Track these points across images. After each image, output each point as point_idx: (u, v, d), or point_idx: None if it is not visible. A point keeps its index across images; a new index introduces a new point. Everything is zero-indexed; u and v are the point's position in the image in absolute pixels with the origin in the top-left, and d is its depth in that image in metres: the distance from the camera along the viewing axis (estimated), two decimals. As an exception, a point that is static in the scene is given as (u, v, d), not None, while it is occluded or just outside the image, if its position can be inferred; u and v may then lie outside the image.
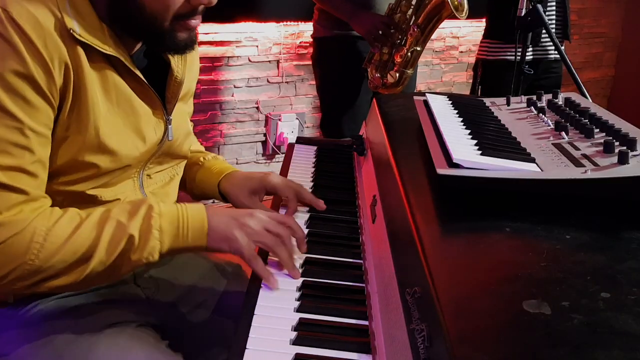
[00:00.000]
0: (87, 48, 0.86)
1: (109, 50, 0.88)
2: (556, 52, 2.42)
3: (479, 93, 2.50)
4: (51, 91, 0.83)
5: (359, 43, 2.24)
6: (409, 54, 2.13)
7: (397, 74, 2.16)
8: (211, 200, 1.26)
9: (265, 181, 1.14)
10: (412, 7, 2.13)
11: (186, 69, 1.03)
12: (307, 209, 1.17)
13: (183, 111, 1.08)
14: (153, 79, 0.96)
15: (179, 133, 1.04)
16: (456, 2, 2.01)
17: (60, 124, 0.86)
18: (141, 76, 0.93)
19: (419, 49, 2.13)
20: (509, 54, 2.41)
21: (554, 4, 2.38)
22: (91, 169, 0.90)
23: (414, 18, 2.13)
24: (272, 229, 0.93)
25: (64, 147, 0.88)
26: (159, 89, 0.98)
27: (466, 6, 2.03)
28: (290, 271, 0.92)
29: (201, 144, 1.29)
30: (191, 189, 1.22)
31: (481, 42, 2.53)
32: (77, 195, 0.91)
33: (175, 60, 1.00)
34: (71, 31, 0.83)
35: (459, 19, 2.02)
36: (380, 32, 2.12)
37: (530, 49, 2.30)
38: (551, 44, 2.40)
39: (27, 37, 0.79)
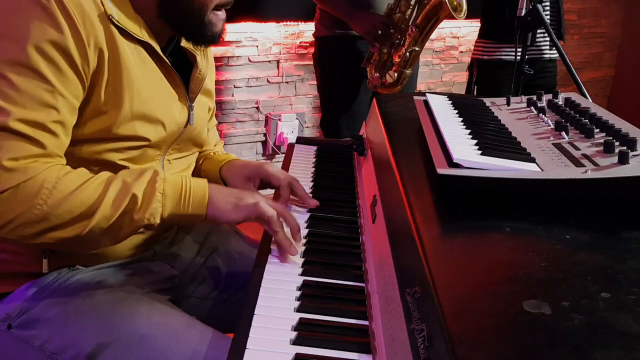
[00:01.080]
0: (124, 33, 0.94)
1: (143, 37, 0.96)
2: (551, 52, 2.43)
3: (475, 93, 2.50)
4: (84, 69, 0.89)
5: (360, 43, 2.25)
6: (408, 54, 2.14)
7: (396, 74, 2.17)
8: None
9: (260, 169, 1.20)
10: (411, 7, 2.14)
11: (208, 67, 1.12)
12: (308, 208, 1.17)
13: (204, 103, 1.16)
14: (179, 71, 1.04)
15: (198, 121, 1.12)
16: (455, 3, 2.01)
17: (95, 99, 0.92)
18: (169, 63, 1.02)
19: (417, 49, 2.14)
20: (504, 53, 2.42)
21: (548, 4, 2.39)
22: (128, 139, 0.97)
23: (412, 18, 2.13)
24: (273, 205, 0.99)
25: (103, 119, 0.93)
26: (183, 80, 1.06)
27: (465, 7, 2.04)
28: (287, 248, 0.97)
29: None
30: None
31: (476, 42, 2.54)
32: (110, 164, 0.97)
33: (200, 57, 1.09)
34: (110, 17, 0.91)
35: (457, 19, 2.03)
36: (380, 32, 2.13)
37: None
38: (546, 44, 2.41)
39: (68, 13, 0.86)
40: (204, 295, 1.18)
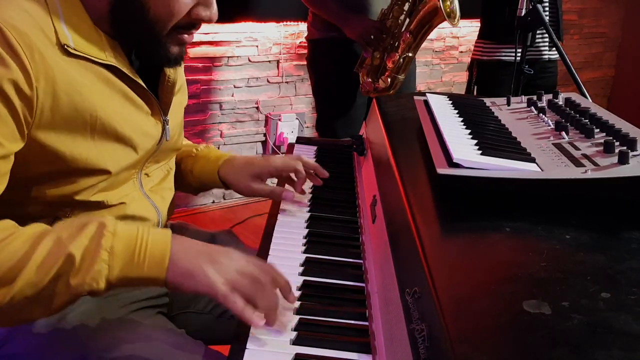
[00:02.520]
0: (83, 59, 0.85)
1: (106, 60, 0.87)
2: (551, 52, 2.43)
3: (474, 93, 2.51)
4: (25, 113, 0.79)
5: (354, 46, 2.24)
6: (401, 59, 2.13)
7: (389, 79, 2.16)
8: (211, 200, 1.27)
9: (268, 165, 1.16)
10: (405, 12, 2.12)
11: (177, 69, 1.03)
12: (308, 209, 1.17)
13: (178, 105, 1.07)
14: (146, 79, 0.95)
15: (174, 131, 1.05)
16: (449, 9, 2.01)
17: (52, 136, 0.83)
18: (141, 82, 0.93)
19: (410, 54, 2.14)
20: (503, 54, 2.43)
21: (547, 4, 2.39)
22: (97, 174, 0.89)
23: (406, 24, 2.12)
24: (250, 272, 0.79)
25: (63, 155, 0.85)
26: (152, 88, 0.97)
27: (458, 13, 2.03)
28: (273, 324, 0.78)
29: (201, 144, 1.30)
30: (189, 183, 1.21)
31: (476, 42, 2.55)
32: (82, 204, 0.90)
33: None
34: (65, 46, 0.82)
35: (451, 25, 2.02)
36: (373, 37, 2.12)
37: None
38: (546, 44, 2.42)
39: (12, 47, 0.76)
40: (199, 310, 1.13)
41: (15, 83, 0.77)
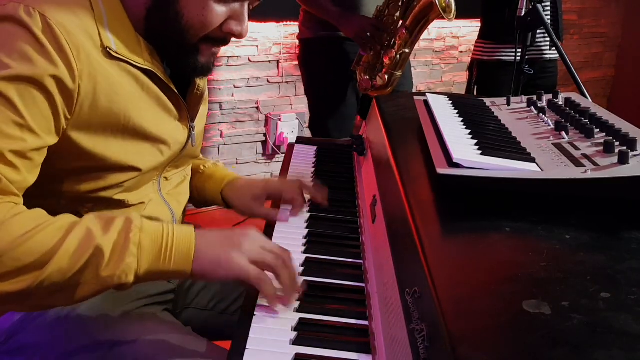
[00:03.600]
0: (123, 62, 0.88)
1: (144, 64, 0.91)
2: (551, 52, 2.43)
3: (475, 93, 2.51)
4: (65, 110, 0.82)
5: (345, 44, 2.24)
6: (398, 56, 2.13)
7: (386, 76, 2.16)
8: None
9: (267, 187, 1.18)
10: (400, 9, 2.12)
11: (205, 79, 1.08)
12: (308, 208, 1.17)
13: (202, 114, 1.11)
14: (178, 86, 0.98)
15: (199, 138, 1.09)
16: (444, 4, 2.01)
17: (87, 130, 0.86)
18: (174, 89, 0.96)
19: (407, 50, 2.14)
20: (504, 54, 2.43)
21: (547, 4, 2.39)
22: (127, 170, 0.92)
23: (402, 20, 2.12)
24: (271, 248, 0.85)
25: (97, 150, 0.87)
26: (182, 95, 1.00)
27: (454, 7, 2.03)
28: (289, 296, 0.83)
29: (206, 158, 1.32)
30: (193, 197, 1.24)
31: (476, 42, 2.55)
32: (105, 201, 0.92)
33: None
34: (108, 48, 0.86)
35: (447, 20, 2.02)
36: (369, 34, 2.12)
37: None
38: (546, 44, 2.42)
39: (61, 45, 0.80)
40: (203, 306, 1.16)
41: (59, 79, 0.80)
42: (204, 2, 0.90)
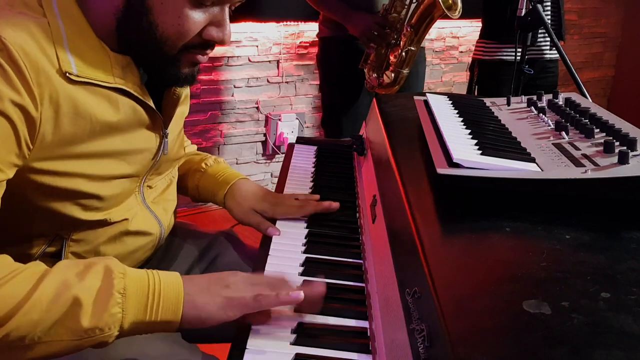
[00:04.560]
0: (91, 84, 0.82)
1: (114, 83, 0.84)
2: (552, 52, 2.43)
3: (476, 93, 2.51)
4: (32, 134, 0.76)
5: (361, 44, 2.26)
6: (404, 53, 2.14)
7: (393, 74, 2.17)
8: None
9: (274, 213, 1.13)
10: (406, 7, 2.13)
11: None
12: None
13: (180, 116, 1.05)
14: (152, 90, 0.92)
15: (173, 144, 1.02)
16: (449, 2, 2.01)
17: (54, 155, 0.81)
18: (151, 104, 0.91)
19: (413, 48, 2.14)
20: (505, 54, 2.43)
21: (548, 4, 2.39)
22: (92, 198, 0.87)
23: (407, 18, 2.13)
24: (262, 278, 0.82)
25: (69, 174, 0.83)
26: (157, 99, 0.95)
27: (459, 5, 2.04)
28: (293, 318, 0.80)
29: (201, 144, 1.29)
30: (192, 195, 1.22)
31: (477, 42, 2.55)
32: (85, 223, 0.89)
33: None
34: (67, 74, 0.79)
35: (452, 18, 2.03)
36: (375, 32, 2.13)
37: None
38: (547, 44, 2.42)
39: (20, 70, 0.74)
40: None
41: (20, 106, 0.74)
42: (179, 10, 0.82)
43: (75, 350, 0.70)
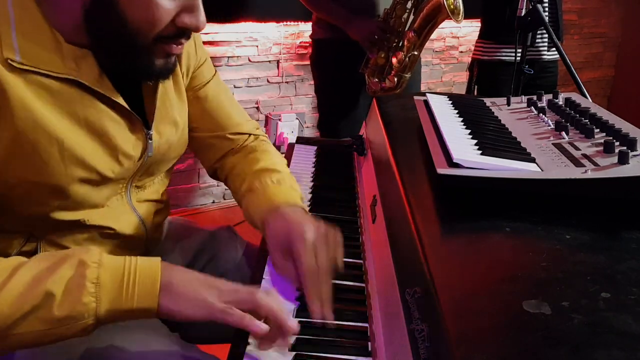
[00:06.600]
0: (35, 74, 0.77)
1: (64, 73, 0.79)
2: (551, 52, 2.44)
3: (475, 93, 2.51)
4: None
5: (358, 46, 2.24)
6: (407, 58, 2.12)
7: (395, 78, 2.15)
8: (211, 200, 1.24)
9: (300, 264, 0.88)
10: (408, 11, 2.12)
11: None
12: (308, 208, 1.17)
13: (173, 115, 0.98)
14: (130, 86, 0.88)
15: (164, 144, 0.96)
16: (452, 6, 2.00)
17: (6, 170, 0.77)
18: (120, 101, 0.85)
19: (416, 53, 2.13)
20: (504, 54, 2.43)
21: (546, 4, 2.39)
22: (61, 197, 0.83)
23: (410, 22, 2.12)
24: (247, 289, 0.77)
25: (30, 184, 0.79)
26: (139, 98, 0.90)
27: (462, 10, 2.03)
28: (281, 335, 0.75)
29: (272, 174, 1.07)
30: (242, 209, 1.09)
31: (476, 42, 2.55)
32: (60, 223, 0.85)
33: None
34: (8, 60, 0.74)
35: (455, 22, 2.02)
36: (377, 37, 2.12)
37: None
38: (545, 44, 2.41)
39: None
40: None
41: None
42: None
43: (56, 339, 0.71)
